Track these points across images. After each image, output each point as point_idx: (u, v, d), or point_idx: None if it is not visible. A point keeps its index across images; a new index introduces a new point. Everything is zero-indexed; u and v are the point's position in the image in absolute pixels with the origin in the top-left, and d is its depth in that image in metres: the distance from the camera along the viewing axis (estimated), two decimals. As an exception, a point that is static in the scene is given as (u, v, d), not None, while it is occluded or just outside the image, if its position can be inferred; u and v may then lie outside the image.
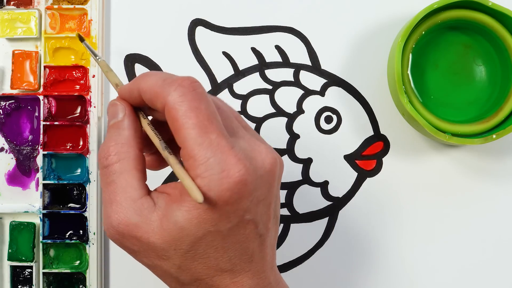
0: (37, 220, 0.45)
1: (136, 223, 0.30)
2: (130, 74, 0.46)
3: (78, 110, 0.45)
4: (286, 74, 0.46)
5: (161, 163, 0.35)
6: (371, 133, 0.45)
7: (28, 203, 0.45)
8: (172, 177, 0.45)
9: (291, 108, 0.45)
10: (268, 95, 0.45)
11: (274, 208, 0.33)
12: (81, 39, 0.40)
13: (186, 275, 0.31)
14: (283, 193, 0.45)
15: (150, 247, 0.30)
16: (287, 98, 0.45)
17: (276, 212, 0.33)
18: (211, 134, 0.29)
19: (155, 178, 0.45)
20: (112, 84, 0.35)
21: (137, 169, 0.31)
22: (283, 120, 0.45)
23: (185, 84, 0.30)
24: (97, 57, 0.38)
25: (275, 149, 0.45)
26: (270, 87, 0.46)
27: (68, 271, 0.44)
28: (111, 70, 0.36)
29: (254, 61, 0.46)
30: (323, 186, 0.45)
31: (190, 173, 0.29)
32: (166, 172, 0.45)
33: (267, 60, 0.46)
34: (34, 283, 0.44)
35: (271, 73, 0.46)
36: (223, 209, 0.29)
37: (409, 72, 0.42)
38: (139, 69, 0.46)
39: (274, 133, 0.45)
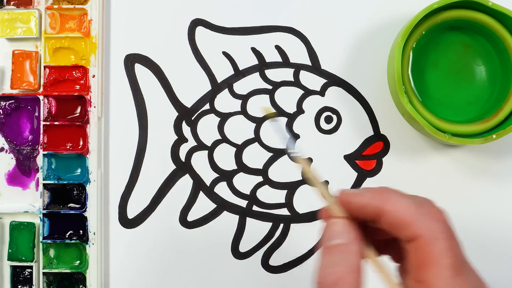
0: (37, 220, 0.45)
1: None
2: (130, 74, 0.46)
3: (78, 110, 0.45)
4: (286, 74, 0.46)
5: None
6: (371, 133, 0.45)
7: (28, 203, 0.45)
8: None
9: (291, 108, 0.45)
10: (268, 95, 0.45)
11: None
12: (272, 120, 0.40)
13: None
14: (283, 193, 0.45)
15: None
16: (287, 98, 0.45)
17: None
18: (460, 276, 0.29)
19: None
20: (324, 196, 0.32)
21: None
22: (283, 120, 0.45)
23: (442, 218, 0.29)
24: (295, 151, 0.34)
25: (274, 149, 0.45)
26: (270, 87, 0.46)
27: (68, 271, 0.44)
28: (320, 180, 0.33)
29: (254, 61, 0.46)
30: (323, 186, 0.45)
31: None
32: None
33: (267, 60, 0.46)
34: (34, 283, 0.44)
35: (271, 73, 0.46)
36: None
37: (409, 72, 0.42)
38: (139, 69, 0.46)
39: (274, 133, 0.45)
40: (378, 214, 0.30)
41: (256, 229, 0.45)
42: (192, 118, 0.46)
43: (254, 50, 0.46)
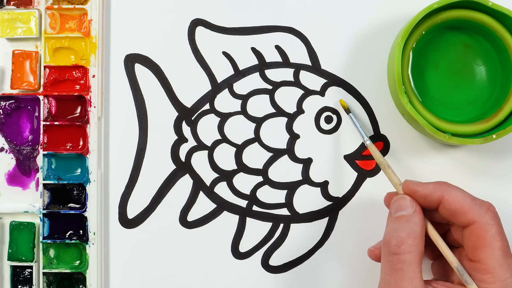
0: (37, 220, 0.45)
1: None
2: (130, 74, 0.46)
3: (78, 110, 0.45)
4: (286, 74, 0.46)
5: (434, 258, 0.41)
6: (371, 133, 0.45)
7: (28, 203, 0.45)
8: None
9: (291, 108, 0.45)
10: (268, 95, 0.45)
11: None
12: (347, 112, 0.44)
13: None
14: (283, 193, 0.45)
15: None
16: (287, 98, 0.45)
17: None
18: (510, 257, 0.35)
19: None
20: (392, 182, 0.40)
21: (420, 262, 0.36)
22: (283, 120, 0.45)
23: (492, 209, 0.36)
24: (366, 140, 0.42)
25: (274, 149, 0.45)
26: (270, 87, 0.46)
27: (68, 271, 0.44)
28: (389, 166, 0.40)
29: (254, 61, 0.46)
30: (323, 186, 0.45)
31: (481, 285, 0.35)
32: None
33: (267, 60, 0.46)
34: (34, 283, 0.44)
35: (271, 73, 0.46)
36: None
37: (409, 72, 0.42)
38: (139, 69, 0.46)
39: (274, 133, 0.45)
40: (440, 202, 0.37)
41: (256, 229, 0.45)
42: (192, 118, 0.46)
43: (254, 50, 0.46)
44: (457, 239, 0.39)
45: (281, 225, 0.45)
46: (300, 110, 0.45)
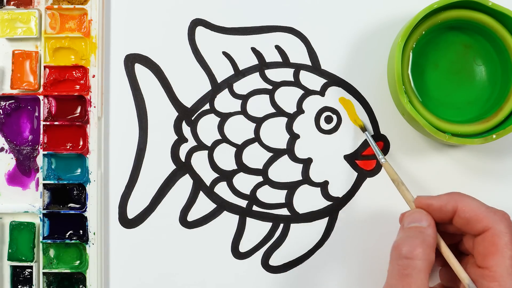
0: (37, 220, 0.45)
1: None
2: (130, 74, 0.46)
3: (78, 110, 0.45)
4: (286, 74, 0.46)
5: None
6: (371, 133, 0.45)
7: (28, 203, 0.45)
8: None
9: (291, 108, 0.45)
10: (268, 95, 0.45)
11: None
12: (363, 130, 0.44)
13: None
14: (283, 193, 0.45)
15: None
16: (287, 98, 0.45)
17: None
18: None
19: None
20: (405, 199, 0.40)
21: (429, 272, 0.36)
22: (283, 120, 0.45)
23: (507, 218, 0.36)
24: (381, 157, 0.42)
25: (274, 149, 0.45)
26: (270, 87, 0.46)
27: (68, 271, 0.44)
28: (403, 183, 0.41)
29: (254, 61, 0.46)
30: (323, 186, 0.45)
31: None
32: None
33: (267, 60, 0.46)
34: (34, 283, 0.44)
35: (271, 73, 0.46)
36: None
37: (409, 72, 0.42)
38: (139, 69, 0.46)
39: (274, 133, 0.45)
40: (454, 212, 0.37)
41: (256, 229, 0.45)
42: (192, 118, 0.46)
43: (254, 50, 0.46)
44: (468, 249, 0.39)
45: (281, 225, 0.45)
46: (300, 110, 0.45)
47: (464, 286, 0.36)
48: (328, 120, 0.45)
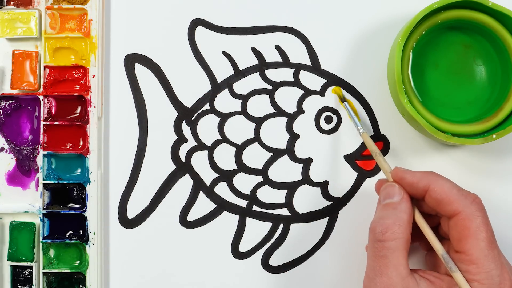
0: (37, 220, 0.45)
1: None
2: (130, 74, 0.46)
3: (78, 110, 0.45)
4: (286, 74, 0.46)
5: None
6: (371, 133, 0.45)
7: (28, 203, 0.45)
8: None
9: (291, 108, 0.45)
10: (268, 95, 0.45)
11: None
12: (343, 100, 0.44)
13: None
14: (283, 193, 0.45)
15: None
16: (287, 98, 0.45)
17: None
18: (494, 249, 0.35)
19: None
20: (383, 169, 0.40)
21: (406, 249, 0.36)
22: (283, 120, 0.45)
23: (478, 201, 0.36)
24: (359, 128, 0.42)
25: (274, 149, 0.45)
26: (270, 87, 0.46)
27: (68, 271, 0.44)
28: (380, 154, 0.41)
29: (254, 61, 0.46)
30: (323, 186, 0.45)
31: (466, 276, 0.35)
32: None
33: (267, 60, 0.46)
34: (34, 283, 0.44)
35: (271, 73, 0.46)
36: None
37: (409, 72, 0.42)
38: (139, 69, 0.46)
39: (274, 133, 0.45)
40: (426, 191, 0.37)
41: (256, 229, 0.45)
42: (192, 118, 0.46)
43: (254, 50, 0.46)
44: (446, 232, 0.38)
45: (281, 225, 0.45)
46: (300, 110, 0.45)
47: (444, 266, 0.37)
48: (328, 120, 0.45)
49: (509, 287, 0.34)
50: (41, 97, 0.45)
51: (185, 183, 0.45)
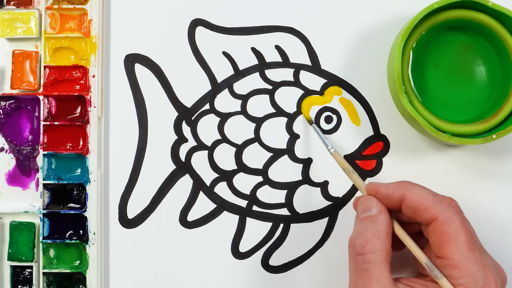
0: (37, 220, 0.45)
1: None
2: (130, 74, 0.46)
3: (78, 110, 0.45)
4: (286, 74, 0.46)
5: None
6: (371, 133, 0.45)
7: (28, 203, 0.45)
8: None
9: (291, 108, 0.45)
10: (268, 95, 0.45)
11: None
12: (310, 123, 0.44)
13: None
14: (283, 193, 0.45)
15: None
16: (287, 98, 0.45)
17: None
18: (476, 251, 0.34)
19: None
20: (357, 185, 0.40)
21: (388, 261, 0.35)
22: (283, 120, 0.45)
23: (454, 204, 0.36)
24: (330, 148, 0.42)
25: (274, 149, 0.45)
26: (270, 87, 0.46)
27: (68, 271, 0.44)
28: (354, 172, 0.41)
29: (254, 61, 0.46)
30: (323, 186, 0.45)
31: (450, 280, 0.34)
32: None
33: (267, 60, 0.46)
34: (34, 283, 0.44)
35: (271, 73, 0.46)
36: None
37: (409, 72, 0.42)
38: (139, 69, 0.46)
39: (274, 133, 0.45)
40: (401, 201, 0.36)
41: (256, 229, 0.45)
42: (192, 118, 0.46)
43: (254, 50, 0.46)
44: (427, 238, 0.38)
45: (281, 225, 0.45)
46: (300, 110, 0.45)
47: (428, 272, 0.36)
48: (328, 120, 0.45)
49: (494, 287, 0.34)
50: (41, 97, 0.45)
51: (185, 183, 0.45)
